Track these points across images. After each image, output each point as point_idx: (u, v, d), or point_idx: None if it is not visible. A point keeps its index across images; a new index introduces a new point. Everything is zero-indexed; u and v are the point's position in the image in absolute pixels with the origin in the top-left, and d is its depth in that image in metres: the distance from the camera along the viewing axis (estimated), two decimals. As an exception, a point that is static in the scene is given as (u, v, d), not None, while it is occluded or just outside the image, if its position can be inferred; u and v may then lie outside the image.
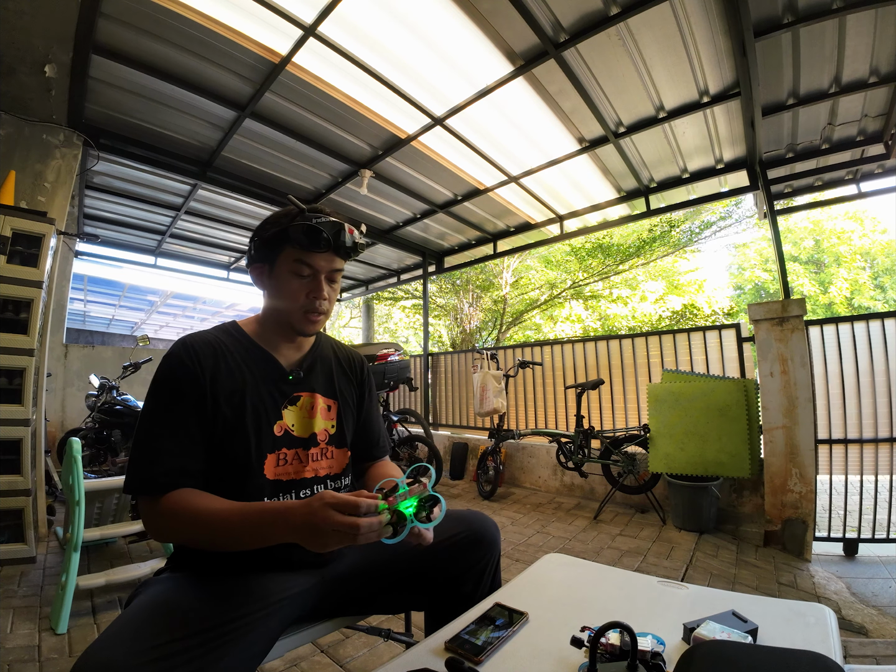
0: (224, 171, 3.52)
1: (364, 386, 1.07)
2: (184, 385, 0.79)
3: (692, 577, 2.16)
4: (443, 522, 0.94)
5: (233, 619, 0.68)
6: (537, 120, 2.95)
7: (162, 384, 0.80)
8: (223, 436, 0.81)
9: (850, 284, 12.30)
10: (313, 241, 0.83)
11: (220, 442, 0.81)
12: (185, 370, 0.80)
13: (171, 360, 0.81)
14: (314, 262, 0.85)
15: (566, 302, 11.19)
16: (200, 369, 0.81)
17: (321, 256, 0.85)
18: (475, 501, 3.63)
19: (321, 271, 0.86)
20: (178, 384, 0.79)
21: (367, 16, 2.18)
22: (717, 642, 0.56)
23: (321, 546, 0.63)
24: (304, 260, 0.84)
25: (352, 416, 1.01)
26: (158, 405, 0.79)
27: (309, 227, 0.82)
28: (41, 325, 2.34)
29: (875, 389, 2.57)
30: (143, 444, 0.77)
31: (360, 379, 1.06)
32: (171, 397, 0.79)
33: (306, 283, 0.86)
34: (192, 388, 0.79)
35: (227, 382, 0.83)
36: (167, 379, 0.80)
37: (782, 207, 3.84)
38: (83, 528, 1.70)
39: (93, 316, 12.42)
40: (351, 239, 0.87)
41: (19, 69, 2.27)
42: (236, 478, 0.81)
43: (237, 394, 0.83)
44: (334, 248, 0.85)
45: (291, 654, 1.49)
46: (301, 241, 0.83)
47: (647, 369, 3.60)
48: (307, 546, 0.64)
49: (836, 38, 2.23)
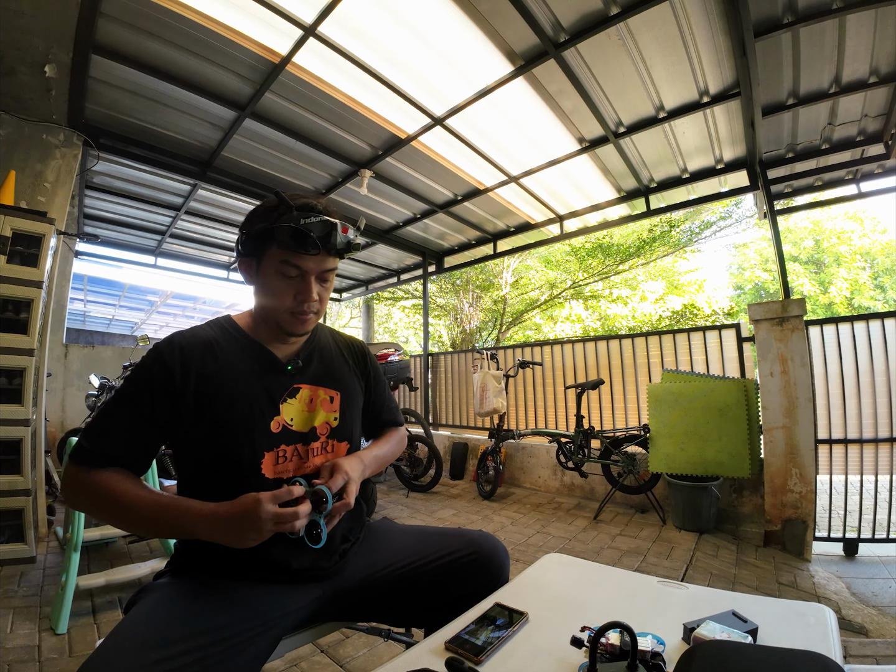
0: (224, 171, 3.52)
1: (369, 373, 1.04)
2: (155, 383, 0.78)
3: (692, 577, 2.16)
4: (451, 540, 0.96)
5: (233, 635, 0.67)
6: (537, 120, 2.95)
7: (137, 372, 0.80)
8: (214, 435, 0.79)
9: (850, 284, 12.30)
10: (300, 243, 0.77)
11: (211, 442, 0.79)
12: (162, 368, 0.79)
13: (153, 355, 0.81)
14: (302, 263, 0.80)
15: (566, 302, 11.19)
16: (181, 369, 0.79)
17: (311, 258, 0.80)
18: (475, 501, 3.63)
19: (310, 273, 0.81)
20: (150, 379, 0.78)
21: (367, 16, 2.18)
22: (717, 642, 0.56)
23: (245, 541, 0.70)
24: (292, 261, 0.79)
25: (357, 407, 0.99)
26: (125, 390, 0.79)
27: (295, 229, 0.77)
28: (41, 325, 2.34)
29: (875, 389, 2.56)
30: (97, 419, 0.78)
31: (363, 367, 1.03)
32: (139, 389, 0.78)
33: (294, 283, 0.81)
34: (163, 386, 0.78)
35: (216, 380, 0.80)
36: (143, 370, 0.80)
37: (782, 207, 3.84)
38: (83, 528, 1.70)
39: (93, 316, 12.42)
40: (344, 239, 0.82)
41: (19, 69, 2.27)
42: (232, 478, 0.79)
43: (228, 392, 0.81)
44: (325, 249, 0.80)
45: (291, 654, 1.49)
46: (288, 244, 0.77)
47: (647, 369, 3.60)
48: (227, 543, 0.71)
49: (836, 38, 2.23)
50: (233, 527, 0.69)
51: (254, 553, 0.79)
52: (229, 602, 0.73)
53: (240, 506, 0.70)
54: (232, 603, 0.73)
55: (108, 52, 2.30)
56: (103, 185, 3.80)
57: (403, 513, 3.31)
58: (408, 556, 0.92)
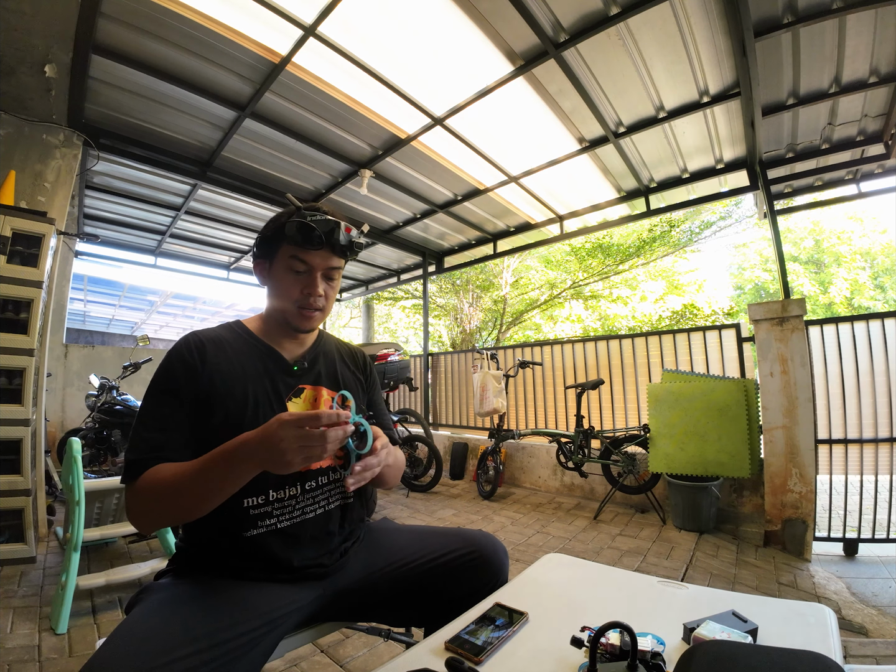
0: (224, 171, 3.52)
1: (368, 378, 1.08)
2: (179, 380, 0.80)
3: (692, 577, 2.16)
4: (451, 539, 0.97)
5: (236, 637, 0.67)
6: (537, 120, 2.95)
7: (158, 378, 0.82)
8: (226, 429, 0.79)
9: (850, 284, 12.30)
10: (307, 238, 0.84)
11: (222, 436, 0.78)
12: (184, 363, 0.81)
13: (172, 355, 0.83)
14: (309, 258, 0.86)
15: (566, 302, 11.19)
16: (201, 363, 0.82)
17: (316, 253, 0.86)
18: (475, 501, 3.63)
19: (316, 268, 0.87)
20: (174, 378, 0.80)
21: (368, 16, 2.18)
22: (717, 642, 0.56)
23: (286, 465, 0.65)
24: (299, 256, 0.86)
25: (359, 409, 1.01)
26: (150, 400, 0.80)
27: (302, 224, 0.84)
28: (41, 325, 2.34)
29: (875, 389, 2.56)
30: (131, 437, 0.79)
31: (364, 372, 1.07)
32: (164, 392, 0.80)
33: (301, 279, 0.87)
34: (188, 381, 0.80)
35: (228, 378, 0.83)
36: (165, 371, 0.82)
37: (782, 207, 3.84)
38: (83, 528, 1.70)
39: (93, 316, 12.42)
40: (347, 237, 0.88)
41: (19, 69, 2.27)
42: None
43: (240, 388, 0.83)
44: (329, 245, 0.86)
45: (291, 654, 1.49)
46: (295, 238, 0.84)
47: (647, 369, 3.60)
48: (272, 469, 0.66)
49: (836, 38, 2.23)
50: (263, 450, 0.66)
51: (255, 550, 0.80)
52: (231, 604, 0.73)
53: (264, 430, 0.67)
54: (233, 605, 0.73)
55: (108, 52, 2.30)
56: (103, 185, 3.80)
57: (403, 513, 3.31)
58: (407, 556, 0.93)
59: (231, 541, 0.80)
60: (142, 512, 0.75)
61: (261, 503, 0.81)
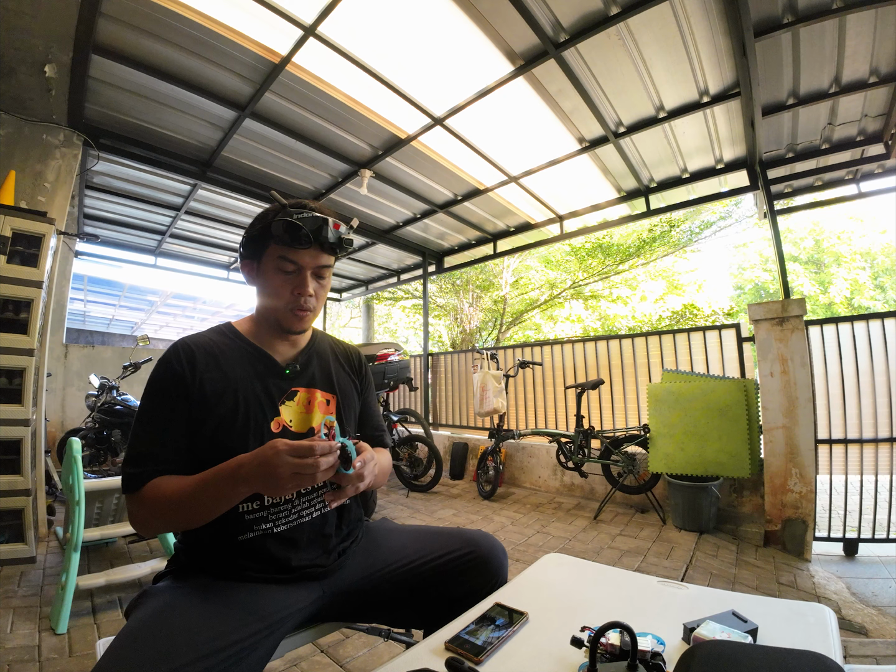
0: (224, 171, 3.52)
1: (363, 379, 1.06)
2: (169, 388, 0.80)
3: (692, 577, 2.16)
4: (449, 539, 0.96)
5: (236, 642, 0.67)
6: (537, 120, 2.95)
7: (150, 388, 0.82)
8: (219, 436, 0.80)
9: (850, 284, 12.29)
10: (294, 237, 0.82)
11: (216, 442, 0.80)
12: (172, 373, 0.81)
13: (162, 365, 0.83)
14: (297, 258, 0.84)
15: (566, 302, 11.19)
16: (190, 370, 0.81)
17: (305, 252, 0.84)
18: (475, 501, 3.63)
19: (306, 267, 0.85)
20: (165, 388, 0.81)
21: (367, 16, 2.18)
22: (717, 642, 0.56)
23: (279, 491, 0.69)
24: (288, 256, 0.84)
25: (353, 411, 1.00)
26: (145, 409, 0.81)
27: (289, 223, 0.82)
28: (41, 325, 2.34)
29: (875, 389, 2.56)
30: (129, 446, 0.80)
31: (358, 373, 1.06)
32: (157, 401, 0.81)
33: (291, 279, 0.85)
34: (177, 389, 0.80)
35: (220, 383, 0.83)
36: (154, 382, 0.82)
37: (782, 207, 3.84)
38: (83, 528, 1.70)
39: (93, 316, 12.42)
40: (336, 234, 0.86)
41: (19, 69, 2.27)
42: None
43: (231, 393, 0.83)
44: (318, 243, 0.84)
45: (291, 654, 1.49)
46: (283, 238, 0.82)
47: (647, 369, 3.60)
48: (264, 492, 0.71)
49: (836, 38, 2.23)
50: (258, 476, 0.68)
51: (254, 551, 0.80)
52: (231, 606, 0.73)
53: (259, 456, 0.69)
54: (234, 607, 0.73)
55: (108, 52, 2.30)
56: (103, 185, 3.80)
57: (403, 513, 3.31)
58: (407, 556, 0.93)
59: (227, 543, 0.80)
60: (143, 522, 0.78)
61: (256, 508, 0.81)
